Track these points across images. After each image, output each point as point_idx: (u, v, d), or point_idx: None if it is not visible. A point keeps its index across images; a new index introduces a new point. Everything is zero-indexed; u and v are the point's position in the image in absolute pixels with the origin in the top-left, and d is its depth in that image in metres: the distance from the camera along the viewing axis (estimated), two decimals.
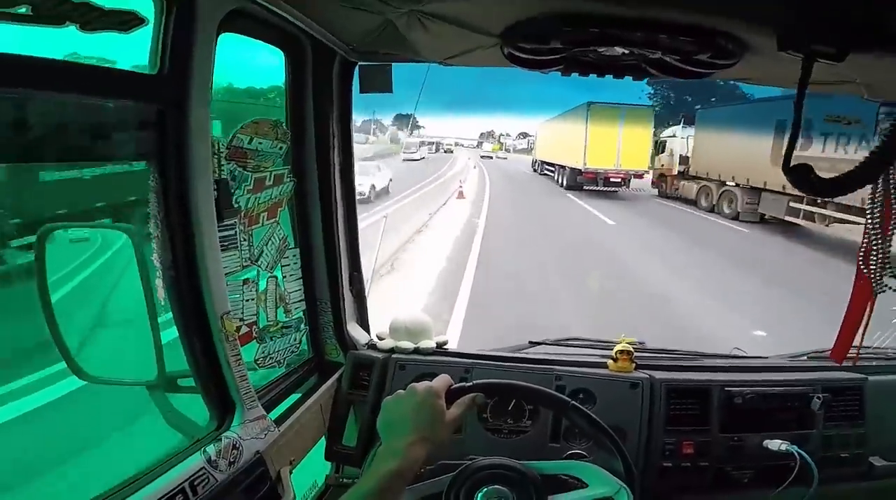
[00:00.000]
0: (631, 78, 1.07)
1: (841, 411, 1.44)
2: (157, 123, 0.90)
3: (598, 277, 7.76)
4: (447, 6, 0.85)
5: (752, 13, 0.72)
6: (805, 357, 1.64)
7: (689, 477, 1.37)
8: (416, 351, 1.56)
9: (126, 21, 0.80)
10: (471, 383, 0.99)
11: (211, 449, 1.02)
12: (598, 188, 19.22)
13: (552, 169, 25.54)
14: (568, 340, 1.70)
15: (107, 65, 0.83)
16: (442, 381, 0.96)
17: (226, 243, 1.10)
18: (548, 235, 10.82)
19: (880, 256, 1.14)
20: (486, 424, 1.41)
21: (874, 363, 1.60)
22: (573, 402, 1.03)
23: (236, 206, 1.13)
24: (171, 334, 1.17)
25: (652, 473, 1.36)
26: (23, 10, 0.67)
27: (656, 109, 19.86)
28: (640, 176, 19.64)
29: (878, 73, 0.67)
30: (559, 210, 15.55)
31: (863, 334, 1.30)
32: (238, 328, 1.14)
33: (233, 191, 1.11)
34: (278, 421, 1.24)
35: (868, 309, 1.22)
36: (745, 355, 1.71)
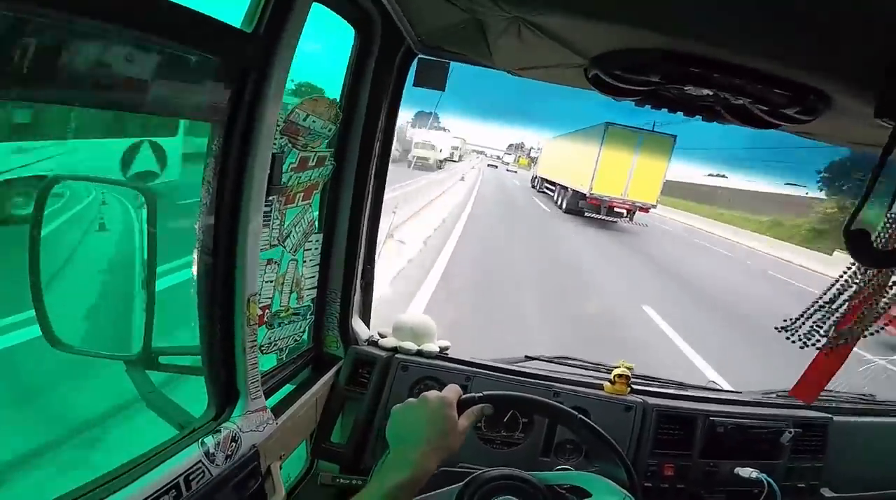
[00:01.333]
0: (701, 118, 1.06)
1: (806, 445, 1.56)
2: (238, 83, 0.82)
3: None
4: (554, 20, 0.81)
5: (855, 78, 0.72)
6: (775, 395, 1.76)
7: (664, 497, 1.44)
8: (419, 353, 1.53)
9: None
10: (481, 394, 0.97)
11: (209, 441, 0.93)
12: (600, 217, 17.82)
13: (552, 188, 23.94)
14: (562, 358, 1.74)
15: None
16: (453, 391, 0.94)
17: (265, 221, 1.03)
18: None
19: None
20: (480, 433, 1.40)
21: (836, 405, 1.74)
22: (581, 416, 1.06)
23: (281, 183, 1.05)
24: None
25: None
26: None
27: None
28: (645, 210, 17.88)
29: None
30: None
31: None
32: (260, 313, 1.07)
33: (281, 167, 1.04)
34: (274, 413, 1.17)
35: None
36: (721, 388, 1.84)
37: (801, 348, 1.06)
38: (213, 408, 1.02)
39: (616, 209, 17.73)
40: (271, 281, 1.16)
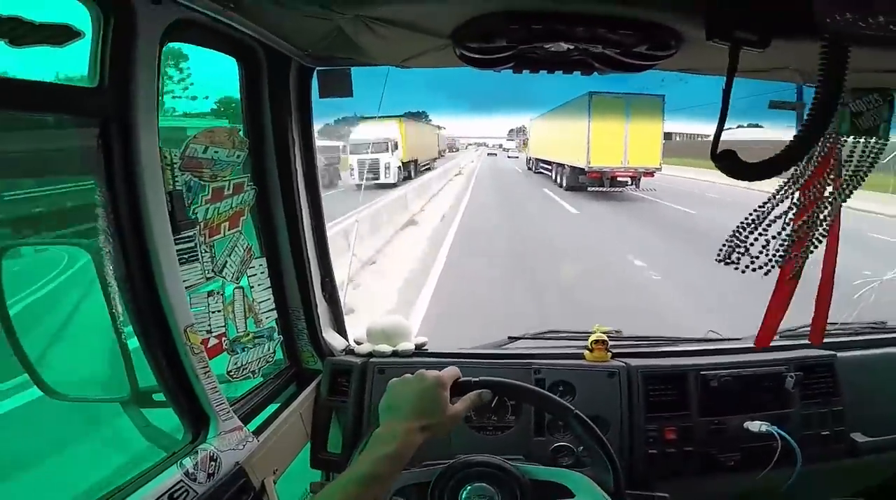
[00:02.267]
0: (579, 73, 1.09)
1: (815, 388, 1.47)
2: (101, 137, 0.88)
3: None
4: (393, 10, 0.86)
5: (681, 4, 0.75)
6: (777, 337, 1.62)
7: (676, 463, 1.39)
8: (395, 354, 1.56)
9: (59, 34, 0.78)
10: (478, 379, 0.98)
11: (187, 462, 1.01)
12: (605, 189, 17.18)
13: (549, 168, 23.25)
14: (546, 333, 1.72)
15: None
16: (450, 372, 0.95)
17: (185, 256, 1.08)
18: None
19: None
20: (471, 422, 1.41)
21: (841, 339, 1.63)
22: (576, 410, 1.02)
23: (193, 217, 1.11)
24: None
25: (639, 460, 1.39)
26: None
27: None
28: (650, 174, 17.29)
29: (811, 58, 0.69)
30: None
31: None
32: (206, 341, 1.12)
33: (189, 202, 1.10)
34: (257, 431, 1.24)
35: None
36: (719, 337, 1.74)
37: (754, 271, 1.05)
38: (189, 433, 1.10)
39: (619, 179, 17.22)
40: (219, 311, 1.21)
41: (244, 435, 1.16)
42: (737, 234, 1.06)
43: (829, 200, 1.07)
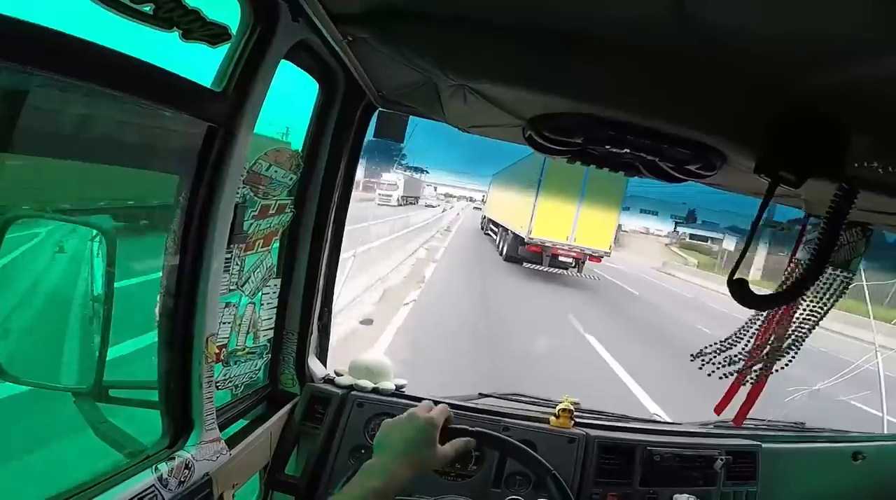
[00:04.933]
0: (623, 173, 1.20)
1: (738, 472, 1.64)
2: (206, 140, 0.91)
3: None
4: (494, 88, 0.94)
5: (741, 139, 0.86)
6: (712, 425, 1.85)
7: None
8: (375, 391, 1.59)
9: (218, 35, 0.81)
10: (473, 429, 1.04)
11: (163, 467, 0.99)
12: (542, 268, 14.66)
13: (496, 230, 20.41)
14: (512, 395, 1.82)
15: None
16: (441, 412, 0.99)
17: (224, 267, 1.10)
18: None
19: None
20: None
21: (767, 433, 1.84)
22: (554, 471, 1.11)
23: (242, 231, 1.13)
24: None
25: None
26: (146, 8, 0.69)
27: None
28: (597, 258, 14.87)
29: (820, 192, 0.82)
30: None
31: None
32: (217, 351, 1.12)
33: (243, 216, 1.12)
34: (229, 444, 1.22)
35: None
36: (662, 420, 1.94)
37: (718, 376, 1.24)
38: (168, 437, 1.08)
39: (561, 258, 14.70)
40: (229, 323, 1.22)
41: (220, 447, 1.16)
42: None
43: (798, 325, 1.24)
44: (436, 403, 1.56)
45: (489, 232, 22.45)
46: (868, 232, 1.22)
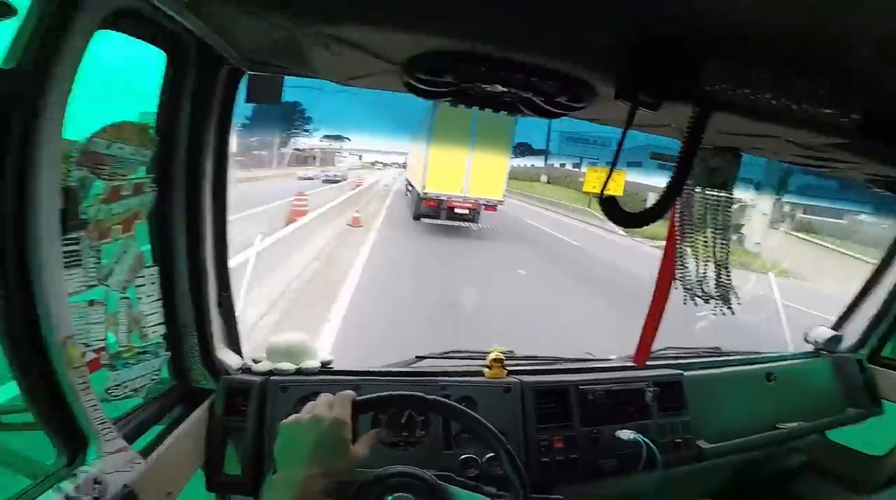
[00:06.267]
0: (505, 113, 1.19)
1: (668, 402, 1.72)
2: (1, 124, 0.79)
3: None
4: (356, 31, 0.88)
5: (601, 68, 0.88)
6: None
7: (565, 470, 1.54)
8: (299, 372, 1.52)
9: None
10: (380, 395, 1.02)
11: (66, 486, 0.90)
12: (441, 222, 14.52)
13: (410, 191, 19.82)
14: (450, 352, 1.82)
15: None
16: (345, 404, 0.92)
17: (69, 260, 0.98)
18: None
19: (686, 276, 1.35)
20: (382, 439, 1.42)
21: (687, 361, 1.95)
22: (507, 445, 1.09)
23: (84, 217, 1.00)
24: None
25: (535, 469, 1.50)
26: None
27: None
28: (492, 207, 14.83)
29: (685, 120, 0.85)
30: None
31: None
32: (83, 354, 1.00)
33: (80, 200, 0.99)
34: (144, 453, 1.14)
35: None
36: (594, 357, 1.98)
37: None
38: (64, 455, 0.98)
39: (457, 210, 14.53)
40: (100, 322, 1.10)
41: (131, 456, 1.07)
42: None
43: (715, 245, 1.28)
44: (364, 374, 1.54)
45: (407, 194, 21.82)
46: (738, 155, 1.30)
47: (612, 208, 0.88)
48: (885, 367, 2.18)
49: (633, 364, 1.83)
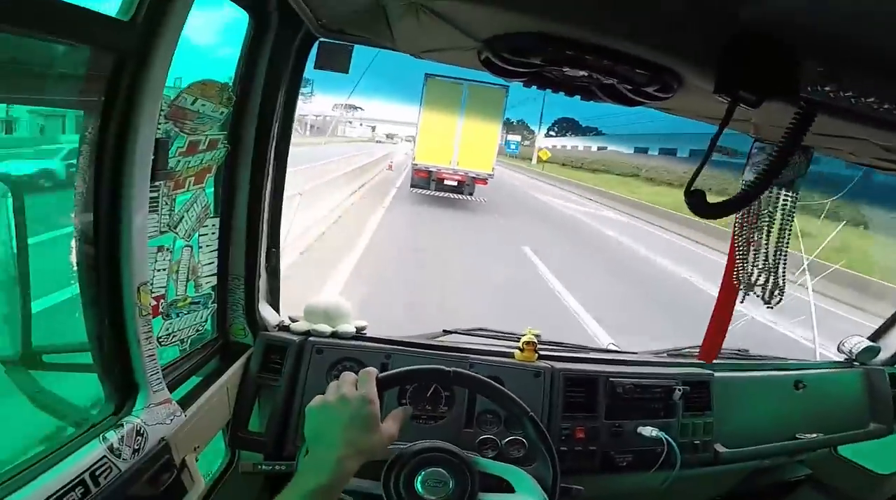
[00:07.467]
0: (579, 97, 1.15)
1: (695, 402, 1.68)
2: (115, 72, 0.78)
3: None
4: (447, 5, 0.85)
5: (698, 61, 0.84)
6: (665, 354, 1.90)
7: (580, 461, 1.52)
8: (335, 335, 1.53)
9: None
10: (406, 369, 1.04)
11: (111, 435, 0.91)
12: (431, 193, 14.65)
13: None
14: (478, 330, 1.79)
15: None
16: (369, 383, 0.90)
17: (151, 207, 0.99)
18: None
19: (745, 271, 1.34)
20: (409, 414, 1.43)
21: (717, 361, 1.84)
22: (531, 413, 1.09)
23: (166, 169, 1.02)
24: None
25: None
26: None
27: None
28: (483, 180, 14.74)
29: (768, 117, 0.82)
30: None
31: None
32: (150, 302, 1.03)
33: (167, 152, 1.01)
34: (182, 405, 1.14)
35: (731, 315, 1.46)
36: (619, 350, 1.95)
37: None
38: (112, 403, 0.99)
39: (447, 182, 14.62)
40: (164, 269, 1.11)
41: (173, 409, 1.07)
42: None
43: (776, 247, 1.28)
44: (395, 343, 1.56)
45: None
46: (810, 155, 1.24)
47: (697, 201, 0.85)
48: None
49: (659, 360, 1.84)
